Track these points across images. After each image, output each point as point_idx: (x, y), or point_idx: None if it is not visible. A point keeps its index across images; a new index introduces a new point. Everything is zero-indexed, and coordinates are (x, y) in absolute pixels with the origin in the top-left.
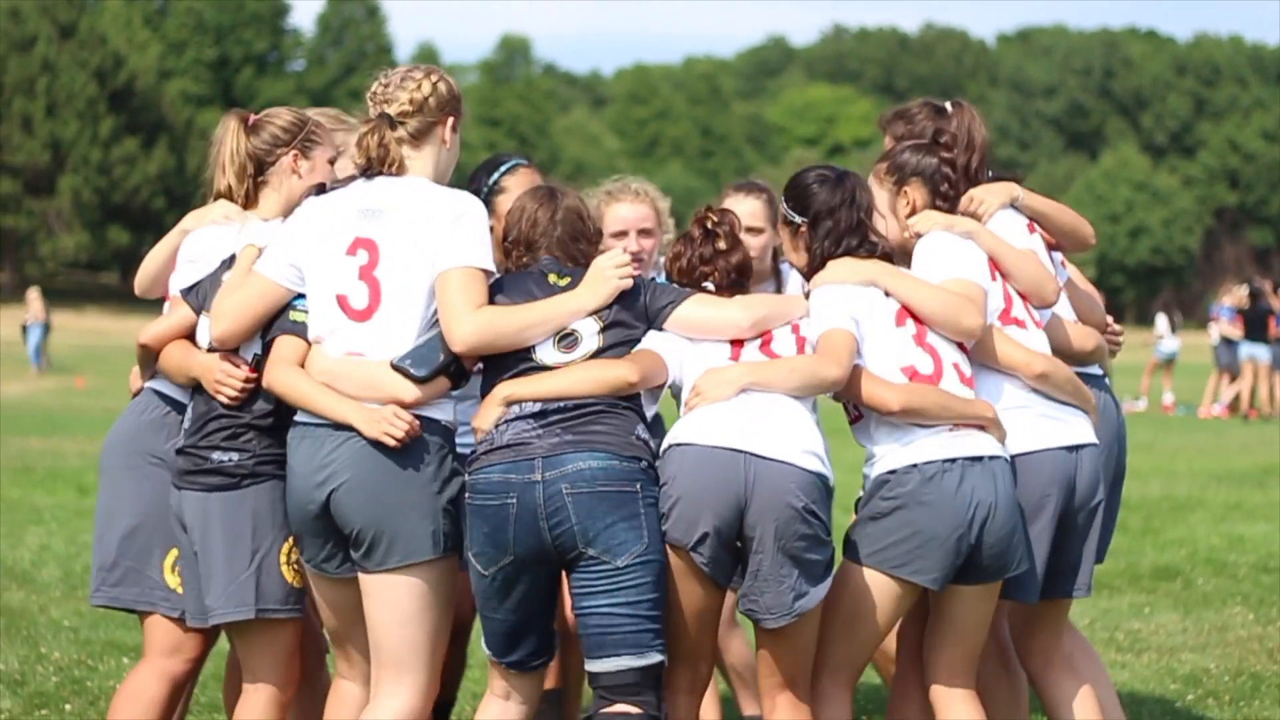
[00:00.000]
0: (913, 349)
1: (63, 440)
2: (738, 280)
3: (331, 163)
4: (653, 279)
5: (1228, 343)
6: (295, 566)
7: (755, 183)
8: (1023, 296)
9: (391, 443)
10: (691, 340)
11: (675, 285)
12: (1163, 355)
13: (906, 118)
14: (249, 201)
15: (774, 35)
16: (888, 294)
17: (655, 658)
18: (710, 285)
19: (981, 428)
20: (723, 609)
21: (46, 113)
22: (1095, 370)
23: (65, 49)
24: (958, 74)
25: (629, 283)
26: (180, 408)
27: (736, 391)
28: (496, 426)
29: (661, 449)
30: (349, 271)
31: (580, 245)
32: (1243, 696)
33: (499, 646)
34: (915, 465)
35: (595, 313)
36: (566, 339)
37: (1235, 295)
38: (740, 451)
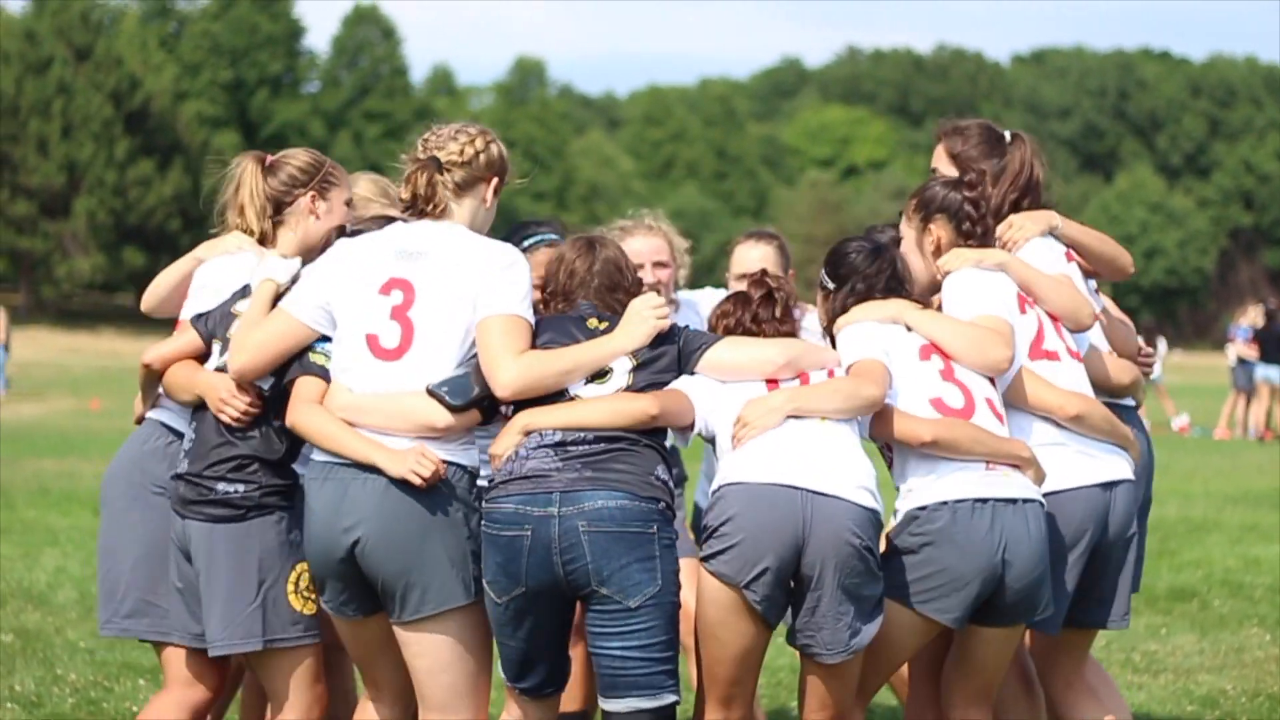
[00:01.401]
0: (940, 382)
1: (78, 462)
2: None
3: (348, 204)
4: (686, 326)
5: (1244, 364)
6: (306, 594)
7: (766, 230)
8: (1056, 325)
9: (418, 481)
10: (724, 382)
11: (711, 334)
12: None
13: (963, 134)
14: (266, 241)
15: (789, 57)
16: (910, 329)
17: (668, 699)
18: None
19: (1017, 467)
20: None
21: (62, 134)
22: (1129, 402)
23: (81, 71)
24: (972, 95)
25: (666, 324)
26: (181, 437)
27: (783, 418)
28: (515, 455)
29: (713, 487)
30: (381, 311)
31: (618, 295)
32: (1260, 718)
33: (513, 672)
34: (946, 502)
35: (632, 354)
36: (600, 375)
37: (1252, 316)
38: (798, 489)
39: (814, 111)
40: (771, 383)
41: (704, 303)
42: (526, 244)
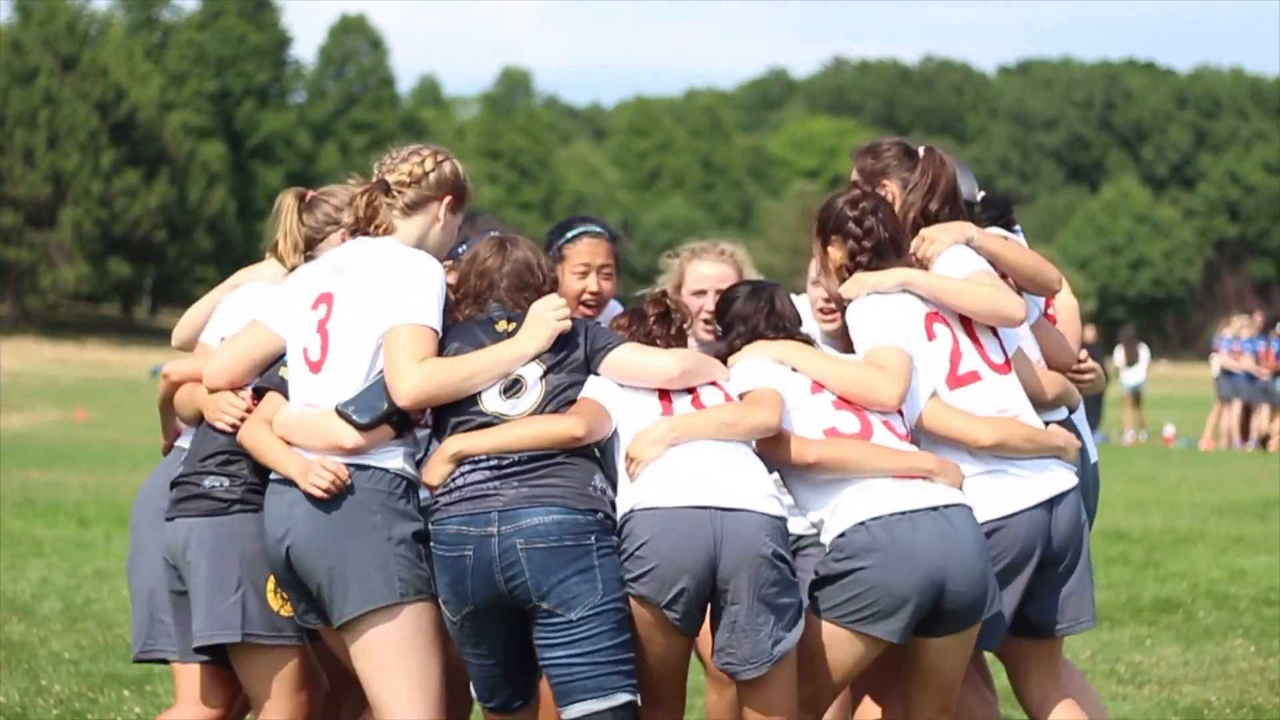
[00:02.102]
0: (833, 412)
1: (64, 473)
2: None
3: None
4: (596, 322)
5: (1228, 374)
6: (283, 596)
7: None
8: (975, 339)
9: (318, 493)
10: (625, 389)
11: (615, 334)
12: (1126, 388)
13: (875, 153)
14: None
15: (775, 68)
16: (796, 370)
17: (622, 698)
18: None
19: (926, 478)
20: (690, 653)
21: (48, 145)
22: (1059, 415)
23: (67, 81)
24: (958, 106)
25: (567, 324)
26: None
27: (664, 448)
28: (452, 478)
29: (622, 511)
30: (310, 325)
31: (527, 294)
32: None
33: (481, 691)
34: (863, 522)
35: (537, 357)
36: (511, 387)
37: (1236, 327)
38: (706, 508)
39: (800, 122)
40: (664, 394)
41: None
42: (570, 235)
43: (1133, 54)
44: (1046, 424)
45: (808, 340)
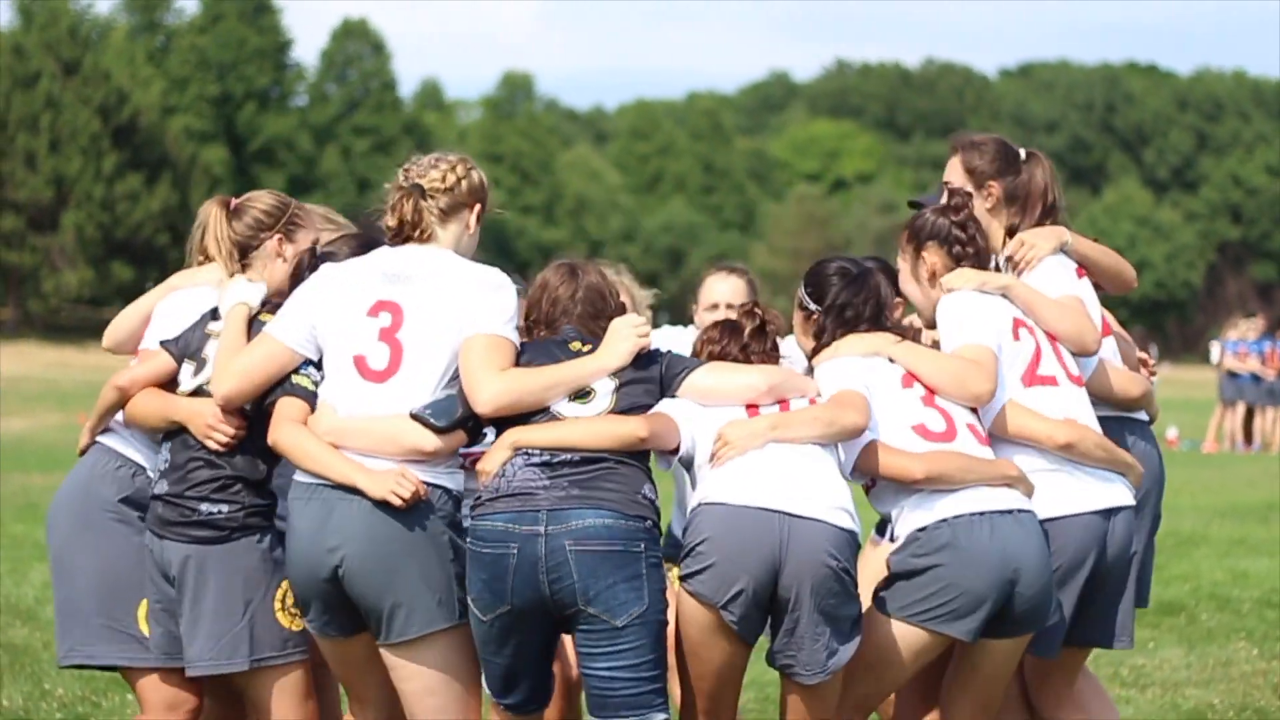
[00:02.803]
0: (921, 409)
1: (65, 476)
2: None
3: (315, 245)
4: (669, 351)
5: (1232, 376)
6: (292, 611)
7: (736, 265)
8: (1055, 348)
9: (398, 502)
10: (705, 406)
11: (693, 359)
12: None
13: (979, 149)
14: None
15: (776, 71)
16: (892, 361)
17: (657, 717)
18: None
19: (1008, 485)
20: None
21: (50, 149)
22: (1141, 416)
23: (69, 86)
24: (960, 109)
25: (648, 342)
26: (129, 462)
27: (764, 442)
28: (503, 473)
29: (691, 506)
30: (369, 333)
31: (601, 323)
32: None
33: (497, 688)
34: (946, 520)
35: (614, 373)
36: (583, 395)
37: (1242, 329)
38: (775, 511)
39: (802, 125)
40: (752, 408)
41: (662, 341)
42: None
43: (1134, 56)
44: (1128, 423)
45: (901, 333)
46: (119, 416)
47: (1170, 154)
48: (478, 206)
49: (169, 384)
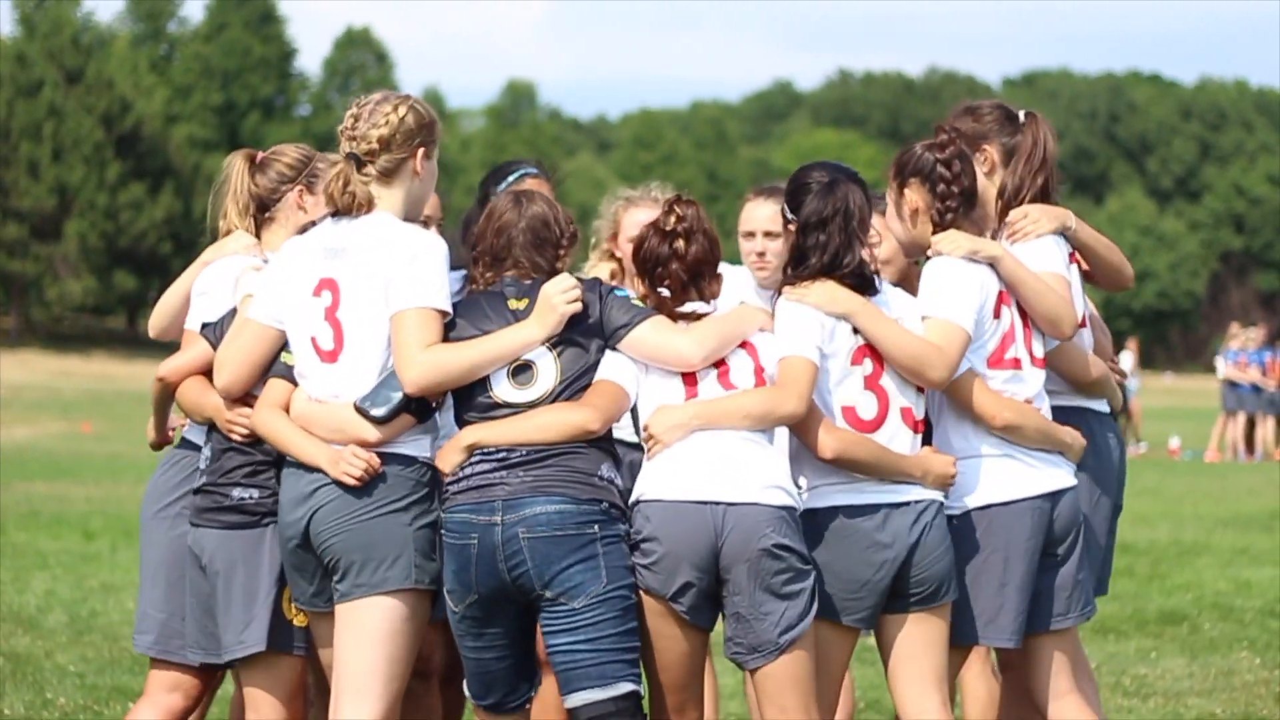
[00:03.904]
0: (860, 392)
1: (69, 485)
2: (693, 280)
3: None
4: (612, 290)
5: (1233, 386)
6: (298, 608)
7: (776, 187)
8: (1028, 330)
9: (351, 481)
10: (646, 367)
11: (634, 302)
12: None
13: (975, 115)
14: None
15: (780, 80)
16: (856, 331)
17: (625, 687)
18: (665, 290)
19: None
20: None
21: (53, 158)
22: (1102, 407)
23: (72, 94)
24: None
25: (577, 307)
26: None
27: (687, 434)
28: (462, 466)
29: (632, 499)
30: (316, 313)
31: (545, 252)
32: None
33: (475, 687)
34: (838, 508)
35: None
36: (522, 372)
37: (1242, 339)
38: (708, 503)
39: (805, 134)
40: (688, 376)
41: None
42: (511, 178)
43: (1137, 66)
44: (1090, 414)
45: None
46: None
47: (1173, 163)
48: (420, 150)
49: (209, 370)
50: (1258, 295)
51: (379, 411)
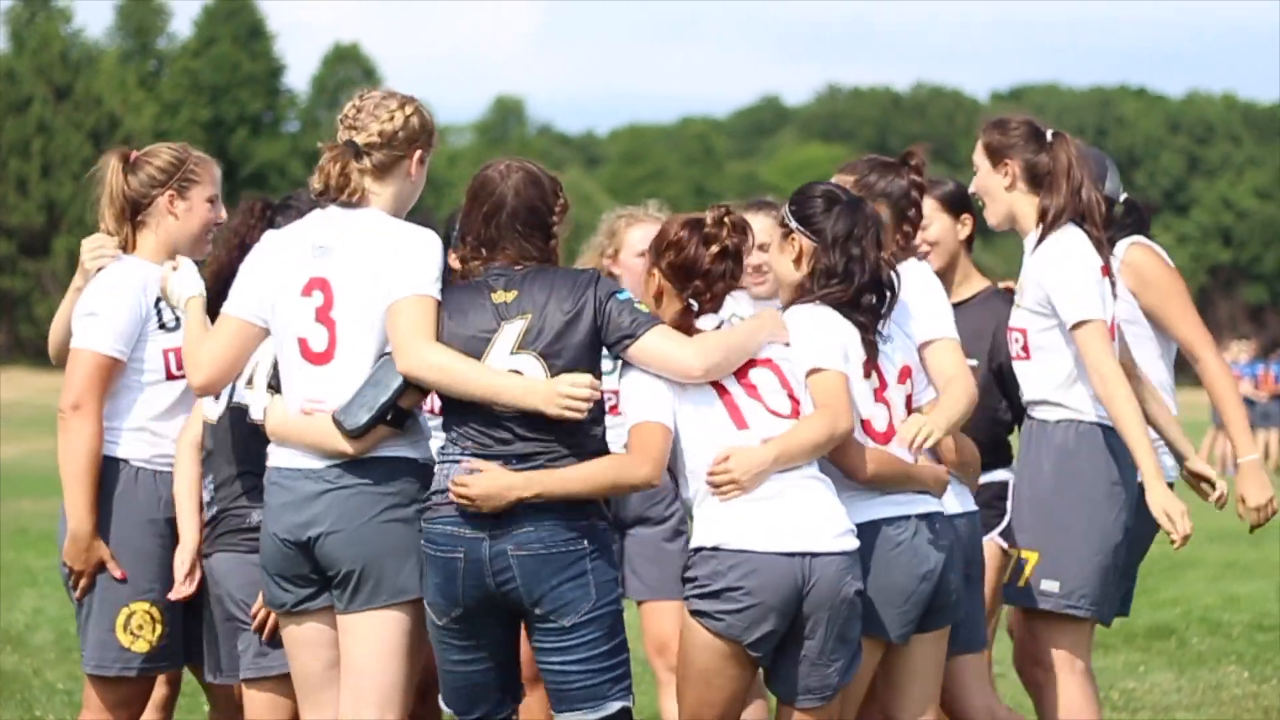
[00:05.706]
0: (872, 404)
1: (57, 502)
2: (722, 300)
3: (211, 202)
4: (613, 293)
5: None
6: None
7: (766, 200)
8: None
9: (575, 415)
10: (671, 386)
11: (637, 306)
12: None
13: (1003, 129)
14: (129, 245)
15: (768, 95)
16: (864, 343)
17: (613, 707)
18: (694, 304)
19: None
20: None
21: (42, 174)
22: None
23: (61, 110)
24: (950, 133)
25: (577, 416)
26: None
27: (769, 476)
28: (447, 472)
29: (707, 543)
30: (306, 314)
31: (537, 235)
32: None
33: (459, 703)
34: (877, 522)
35: (528, 348)
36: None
37: (1234, 351)
38: (795, 555)
39: (794, 149)
40: (720, 386)
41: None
42: None
43: (1125, 79)
44: (1108, 430)
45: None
46: None
47: (1161, 177)
48: (419, 153)
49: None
50: (1245, 309)
51: (352, 426)
